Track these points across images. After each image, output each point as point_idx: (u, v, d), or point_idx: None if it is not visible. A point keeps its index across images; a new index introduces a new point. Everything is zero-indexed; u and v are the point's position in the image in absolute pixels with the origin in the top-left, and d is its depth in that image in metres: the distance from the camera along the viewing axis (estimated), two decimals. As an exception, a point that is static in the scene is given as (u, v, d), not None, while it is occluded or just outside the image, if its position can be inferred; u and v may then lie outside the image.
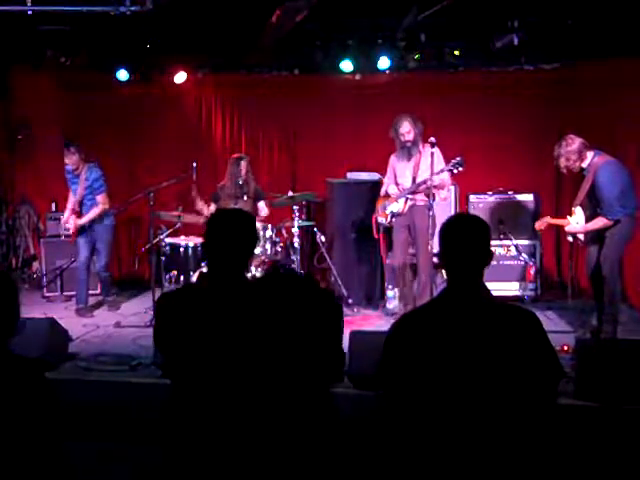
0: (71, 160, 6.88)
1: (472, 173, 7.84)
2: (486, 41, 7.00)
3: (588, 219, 5.64)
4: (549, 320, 6.29)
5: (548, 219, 6.06)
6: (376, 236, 6.64)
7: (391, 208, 6.42)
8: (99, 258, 7.11)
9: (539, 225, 6.07)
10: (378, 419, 2.49)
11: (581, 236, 5.75)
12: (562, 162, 5.58)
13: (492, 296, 2.45)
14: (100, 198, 6.98)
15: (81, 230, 6.99)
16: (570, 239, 5.84)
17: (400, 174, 6.46)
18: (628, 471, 3.90)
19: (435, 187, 6.21)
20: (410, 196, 6.32)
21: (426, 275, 6.30)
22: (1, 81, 8.18)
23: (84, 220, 6.94)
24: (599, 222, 5.47)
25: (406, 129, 6.27)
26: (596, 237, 5.66)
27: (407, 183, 6.37)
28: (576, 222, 5.72)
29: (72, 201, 7.02)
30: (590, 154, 5.51)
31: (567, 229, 5.76)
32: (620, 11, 6.07)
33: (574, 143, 5.50)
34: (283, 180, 8.30)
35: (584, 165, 5.53)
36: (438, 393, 2.33)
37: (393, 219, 6.44)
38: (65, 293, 7.58)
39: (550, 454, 2.39)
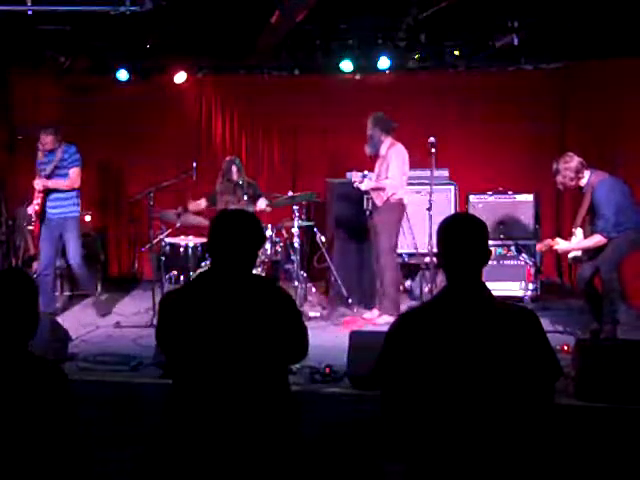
0: (46, 140, 6.47)
1: (472, 173, 7.87)
2: (486, 41, 7.00)
3: (588, 237, 5.64)
4: (549, 320, 6.28)
5: (549, 242, 5.86)
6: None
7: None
8: (70, 251, 6.65)
9: (540, 247, 5.98)
10: (377, 418, 2.48)
11: (579, 253, 5.71)
12: (559, 179, 5.63)
13: (491, 295, 2.46)
14: (72, 172, 6.53)
15: (42, 218, 6.52)
16: (570, 259, 5.79)
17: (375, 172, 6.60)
18: (628, 471, 3.90)
19: (378, 190, 6.37)
20: (368, 195, 6.49)
21: (385, 268, 6.40)
22: (1, 81, 8.18)
23: (50, 183, 6.45)
24: (594, 239, 5.48)
25: (367, 125, 6.43)
26: (593, 254, 5.66)
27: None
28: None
29: (40, 183, 6.51)
30: (587, 173, 5.54)
31: (558, 248, 5.72)
32: (620, 11, 6.07)
33: (572, 161, 5.53)
34: (283, 180, 8.31)
35: (582, 184, 5.56)
36: (437, 391, 2.33)
37: (369, 215, 6.63)
38: (65, 293, 7.57)
39: (550, 454, 2.39)
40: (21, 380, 2.20)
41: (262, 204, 6.93)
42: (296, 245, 6.83)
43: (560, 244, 5.70)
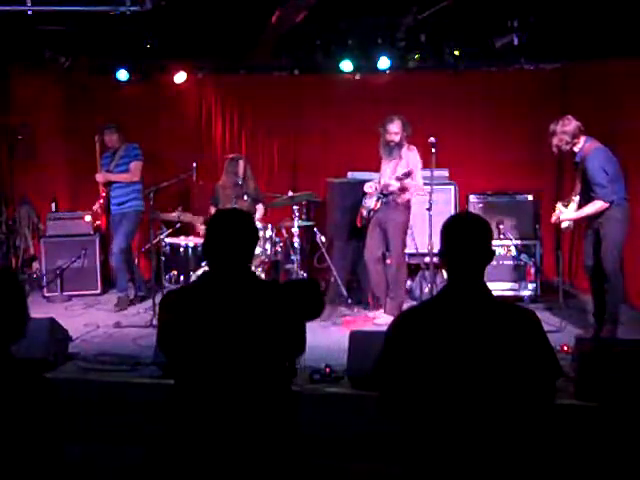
0: (111, 138, 7.10)
1: (472, 173, 7.87)
2: (486, 41, 7.00)
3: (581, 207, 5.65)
4: (548, 320, 6.27)
5: (558, 214, 5.75)
6: (358, 225, 6.73)
7: (367, 203, 6.55)
8: (115, 240, 7.14)
9: (555, 220, 5.83)
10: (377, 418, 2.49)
11: (571, 223, 5.73)
12: (555, 140, 5.58)
13: (492, 294, 2.46)
14: (133, 166, 7.08)
15: (108, 212, 7.17)
16: (564, 227, 5.78)
17: (383, 173, 6.53)
18: (628, 471, 3.90)
19: (402, 190, 6.28)
20: (381, 195, 6.38)
21: (398, 271, 6.44)
22: (1, 81, 8.17)
23: (112, 177, 7.07)
24: (595, 205, 5.46)
25: (395, 129, 6.33)
26: (591, 233, 5.66)
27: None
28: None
29: (101, 176, 7.15)
30: (582, 139, 5.53)
31: (563, 218, 5.71)
32: (620, 11, 6.07)
33: (570, 125, 5.52)
34: (283, 180, 8.31)
35: (576, 149, 5.54)
36: (437, 391, 2.33)
37: (370, 213, 6.54)
38: (65, 293, 7.57)
39: (550, 454, 2.39)
40: None
41: (259, 213, 6.97)
42: (296, 245, 6.83)
43: (564, 214, 5.67)
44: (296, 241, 6.84)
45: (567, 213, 5.68)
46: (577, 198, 5.64)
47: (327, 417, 4.48)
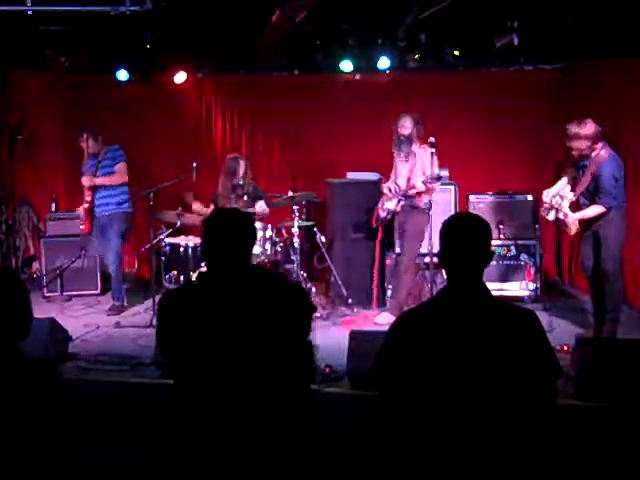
0: (89, 144, 6.92)
1: (472, 173, 7.88)
2: (486, 41, 7.00)
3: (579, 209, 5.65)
4: (548, 320, 6.26)
5: (571, 222, 5.65)
6: (373, 225, 6.78)
7: (387, 205, 6.56)
8: (107, 249, 6.99)
9: (574, 231, 5.75)
10: (377, 419, 2.49)
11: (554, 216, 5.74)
12: (574, 144, 5.51)
13: (491, 295, 2.46)
14: (118, 167, 6.94)
15: (92, 217, 6.94)
16: (548, 216, 5.79)
17: (399, 173, 6.54)
18: (628, 471, 3.90)
19: (422, 193, 6.30)
20: (402, 197, 6.42)
21: (405, 272, 6.47)
22: (1, 81, 8.17)
23: (97, 180, 6.88)
24: (597, 209, 5.49)
25: (404, 124, 6.38)
26: (589, 234, 5.67)
27: (403, 183, 6.43)
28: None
29: (87, 180, 6.95)
30: (600, 144, 5.51)
31: (572, 218, 5.67)
32: (620, 11, 6.06)
33: (592, 128, 5.48)
34: (283, 180, 8.31)
35: (592, 155, 5.52)
36: (436, 391, 2.33)
37: (389, 216, 6.59)
38: (65, 293, 7.56)
39: (550, 454, 2.39)
40: (8, 382, 2.16)
41: (259, 207, 6.94)
42: (296, 245, 6.83)
43: (573, 215, 5.64)
44: (296, 241, 6.84)
45: (572, 214, 5.68)
46: (572, 197, 5.64)
47: (327, 417, 4.48)
